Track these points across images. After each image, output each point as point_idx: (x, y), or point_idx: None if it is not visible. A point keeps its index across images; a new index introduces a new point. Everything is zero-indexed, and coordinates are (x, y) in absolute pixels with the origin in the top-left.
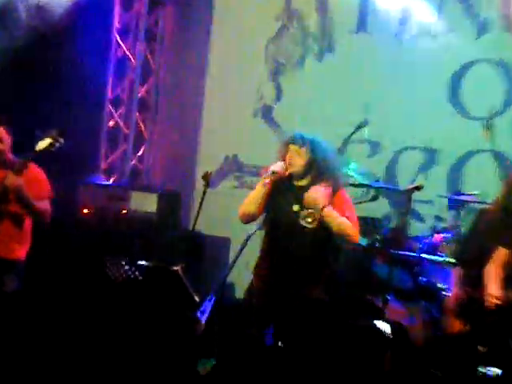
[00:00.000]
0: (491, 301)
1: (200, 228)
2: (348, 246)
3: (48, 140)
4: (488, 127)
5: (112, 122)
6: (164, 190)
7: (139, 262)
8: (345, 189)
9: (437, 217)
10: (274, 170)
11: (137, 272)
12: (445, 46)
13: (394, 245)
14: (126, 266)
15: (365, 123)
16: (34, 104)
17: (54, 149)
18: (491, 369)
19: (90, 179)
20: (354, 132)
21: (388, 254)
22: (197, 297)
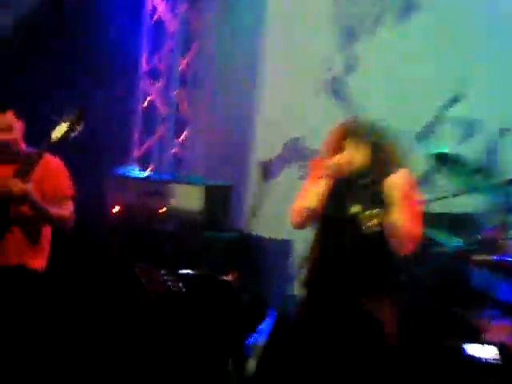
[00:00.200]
0: None
1: (255, 229)
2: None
3: (65, 125)
4: None
5: (147, 100)
6: (211, 183)
7: (181, 270)
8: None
9: None
10: (339, 163)
11: (179, 283)
12: None
13: (492, 248)
14: (165, 275)
15: (458, 99)
16: (49, 82)
17: (74, 136)
18: None
19: (120, 171)
20: (445, 110)
21: (486, 258)
22: (253, 314)
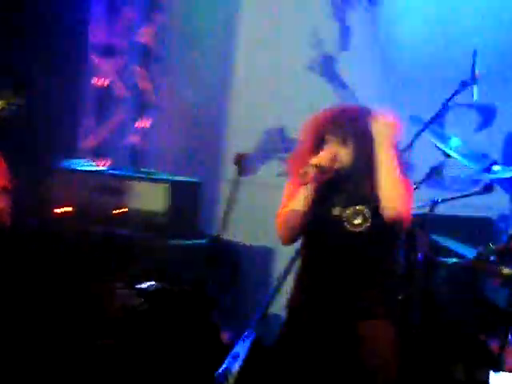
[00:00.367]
0: None
1: (230, 234)
2: (390, 217)
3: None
4: None
5: (101, 79)
6: (178, 180)
7: (142, 283)
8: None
9: None
10: (319, 164)
11: (139, 299)
12: None
13: None
14: (123, 290)
15: (472, 81)
16: None
17: (9, 114)
18: None
19: (68, 165)
20: (457, 93)
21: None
22: (226, 334)
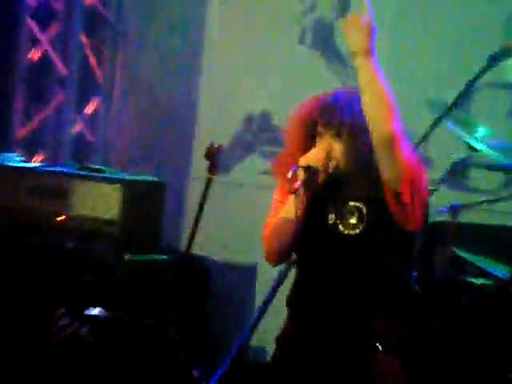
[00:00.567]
0: None
1: (201, 248)
2: (378, 134)
3: None
4: None
5: (36, 52)
6: (134, 180)
7: (89, 309)
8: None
9: None
10: (309, 165)
11: (84, 328)
12: None
13: None
14: (64, 318)
15: (505, 54)
16: None
17: None
18: None
19: None
20: (484, 72)
21: None
22: (196, 370)
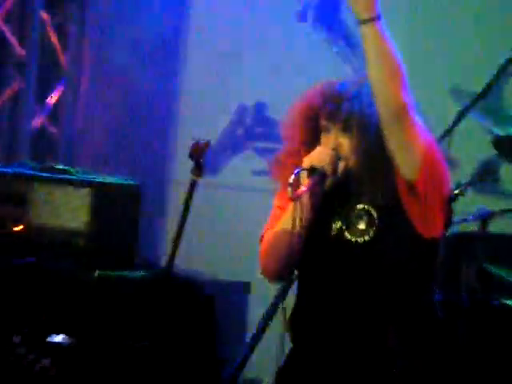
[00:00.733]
0: None
1: (184, 261)
2: (386, 106)
3: None
4: None
5: None
6: (105, 182)
7: (50, 337)
8: None
9: None
10: (314, 167)
11: (44, 359)
12: None
13: None
14: (21, 345)
15: None
16: None
17: None
18: None
19: None
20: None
21: None
22: None
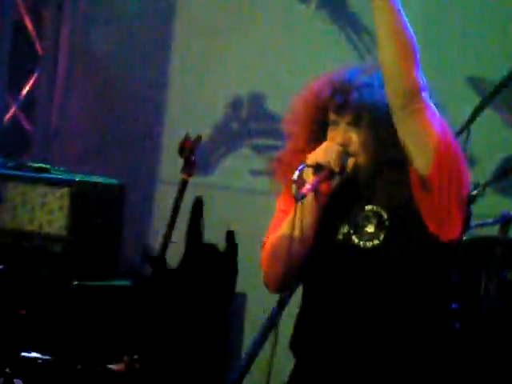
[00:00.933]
0: None
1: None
2: (396, 84)
3: None
4: None
5: None
6: (86, 182)
7: (26, 352)
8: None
9: None
10: (319, 164)
11: (18, 378)
12: None
13: None
14: None
15: None
16: None
17: None
18: None
19: None
20: None
21: None
22: None
